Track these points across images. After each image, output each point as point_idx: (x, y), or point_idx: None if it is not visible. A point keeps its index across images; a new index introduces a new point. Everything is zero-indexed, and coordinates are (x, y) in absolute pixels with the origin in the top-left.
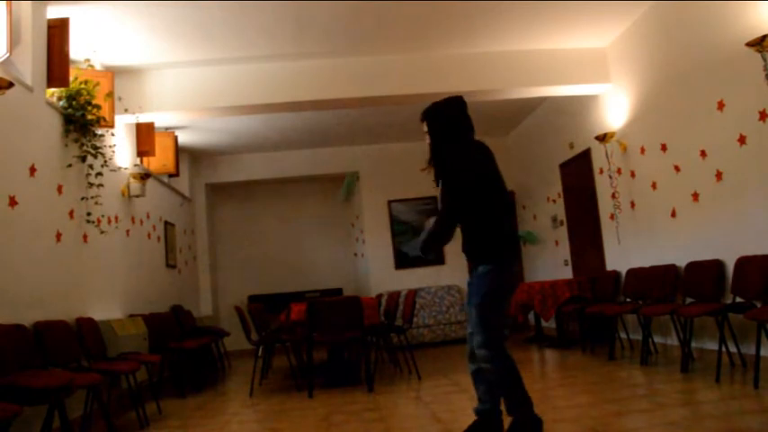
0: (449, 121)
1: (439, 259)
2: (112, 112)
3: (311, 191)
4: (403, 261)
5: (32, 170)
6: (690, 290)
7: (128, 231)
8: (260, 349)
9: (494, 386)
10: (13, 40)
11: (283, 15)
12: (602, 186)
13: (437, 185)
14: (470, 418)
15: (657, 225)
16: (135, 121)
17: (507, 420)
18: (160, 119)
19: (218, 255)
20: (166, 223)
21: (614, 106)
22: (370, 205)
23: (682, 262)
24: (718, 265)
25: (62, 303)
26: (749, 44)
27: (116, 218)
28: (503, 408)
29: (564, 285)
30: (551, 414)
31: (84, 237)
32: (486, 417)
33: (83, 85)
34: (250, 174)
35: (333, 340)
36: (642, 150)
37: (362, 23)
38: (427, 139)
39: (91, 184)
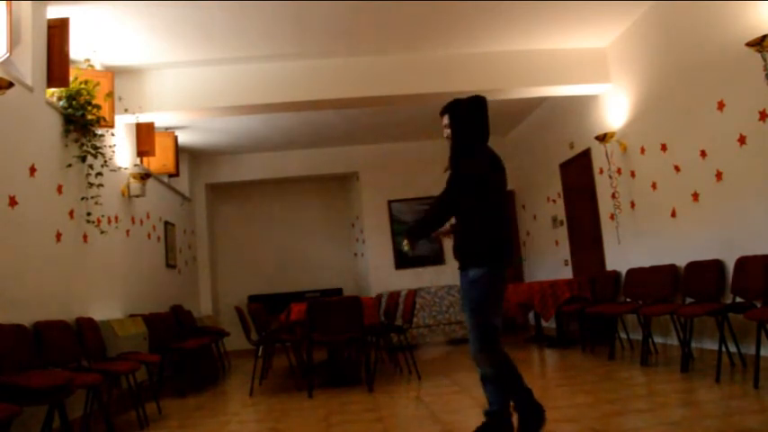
0: (469, 120)
1: (439, 259)
2: (112, 112)
3: (311, 191)
4: (403, 261)
5: (32, 170)
6: (690, 290)
7: (128, 231)
8: (260, 349)
9: (497, 385)
10: (13, 40)
11: (283, 16)
12: (602, 186)
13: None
14: (470, 418)
15: (657, 225)
16: (135, 121)
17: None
18: (160, 119)
19: (218, 255)
20: (166, 223)
21: (614, 106)
22: (370, 205)
23: (682, 262)
24: (718, 265)
25: (62, 303)
26: (749, 44)
27: (116, 218)
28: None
29: (564, 285)
30: (551, 414)
31: (84, 237)
32: (495, 418)
33: (83, 85)
34: (250, 174)
35: (333, 340)
36: (642, 150)
37: (362, 23)
38: (446, 133)
39: (91, 184)
